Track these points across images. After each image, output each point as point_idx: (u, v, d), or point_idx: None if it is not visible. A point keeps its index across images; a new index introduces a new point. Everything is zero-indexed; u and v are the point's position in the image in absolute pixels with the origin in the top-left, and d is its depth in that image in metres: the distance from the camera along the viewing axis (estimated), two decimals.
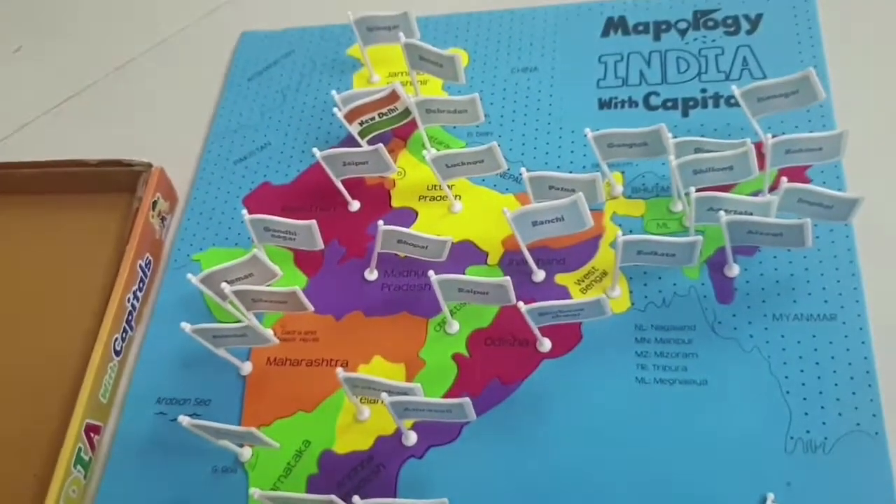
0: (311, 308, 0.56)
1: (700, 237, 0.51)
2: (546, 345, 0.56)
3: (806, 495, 0.48)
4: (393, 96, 0.62)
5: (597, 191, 0.56)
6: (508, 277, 0.52)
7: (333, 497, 0.46)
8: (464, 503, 0.51)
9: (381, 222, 0.57)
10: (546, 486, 0.52)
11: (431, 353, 0.58)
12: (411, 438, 0.54)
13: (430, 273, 0.54)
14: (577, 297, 0.57)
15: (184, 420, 0.51)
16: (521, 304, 0.52)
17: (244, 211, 0.60)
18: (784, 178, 0.52)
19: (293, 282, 0.63)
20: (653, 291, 0.57)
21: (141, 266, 0.65)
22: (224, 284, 0.56)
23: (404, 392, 0.50)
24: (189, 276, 0.57)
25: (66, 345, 0.63)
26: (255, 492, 0.49)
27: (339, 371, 0.51)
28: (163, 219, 0.69)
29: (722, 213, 0.52)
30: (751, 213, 0.52)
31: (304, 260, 0.64)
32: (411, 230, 0.57)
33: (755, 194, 0.56)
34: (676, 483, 0.50)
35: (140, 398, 0.60)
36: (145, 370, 0.62)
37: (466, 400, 0.49)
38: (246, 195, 0.69)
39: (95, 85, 0.82)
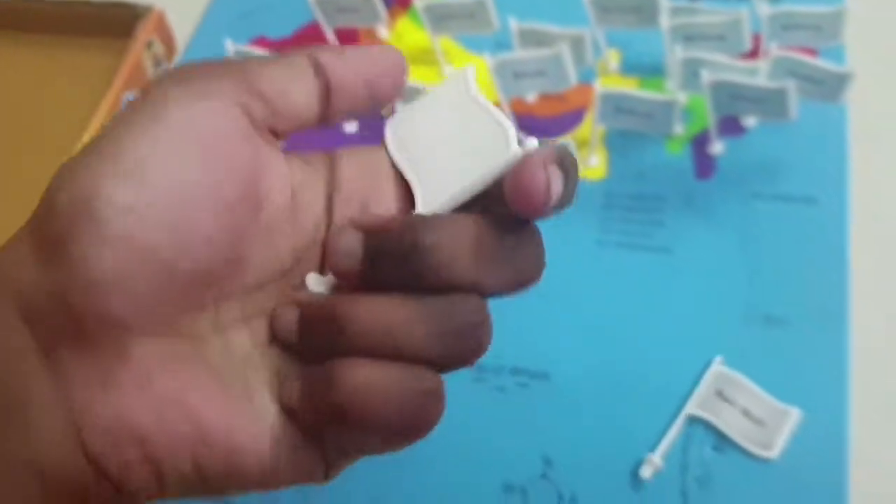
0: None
1: (680, 98, 0.49)
2: None
3: (758, 365, 0.46)
4: None
5: (584, 50, 0.54)
6: None
7: None
8: None
9: None
10: (497, 336, 0.50)
11: None
12: None
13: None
14: None
15: None
16: None
17: (228, 41, 0.59)
18: (775, 47, 0.50)
19: None
20: (631, 163, 0.55)
21: (129, 101, 0.65)
22: None
23: None
24: None
25: (42, 173, 0.62)
26: None
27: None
28: (158, 63, 0.69)
29: (705, 72, 0.50)
30: None
31: None
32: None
33: None
34: (628, 344, 0.48)
35: None
36: None
37: None
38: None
39: None
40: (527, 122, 0.58)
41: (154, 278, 0.22)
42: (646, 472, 0.44)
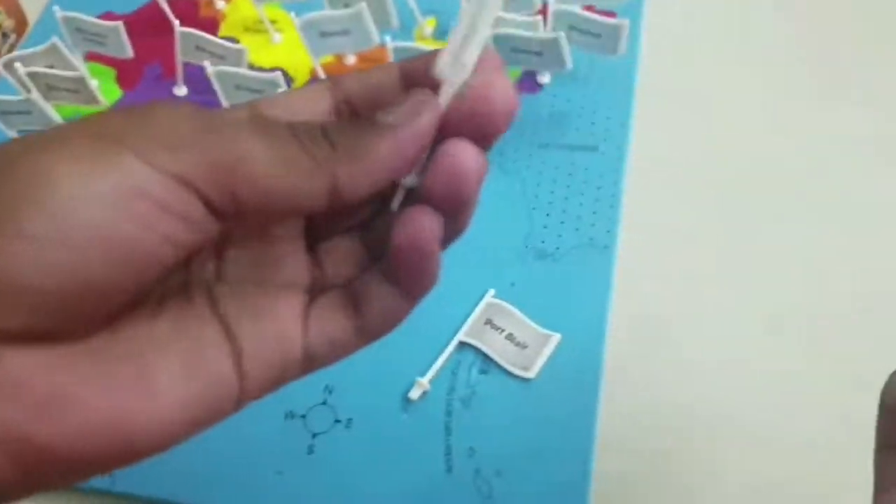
0: (101, 100, 0.58)
1: (562, 34, 0.51)
2: None
3: (527, 294, 0.49)
4: None
5: (388, 12, 0.57)
6: None
7: None
8: None
9: (177, 23, 0.59)
10: None
11: None
12: None
13: (207, 64, 0.55)
14: None
15: None
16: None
17: (55, 7, 0.61)
18: (557, 3, 0.53)
19: (109, 96, 0.64)
20: None
21: None
22: (17, 65, 0.57)
23: None
24: None
25: None
26: None
27: None
28: (6, 36, 0.70)
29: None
30: None
31: (124, 77, 0.65)
32: (211, 37, 0.59)
33: None
34: None
35: None
36: None
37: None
38: None
39: None
40: None
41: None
42: (414, 394, 0.46)
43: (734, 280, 0.50)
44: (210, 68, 0.55)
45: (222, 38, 0.65)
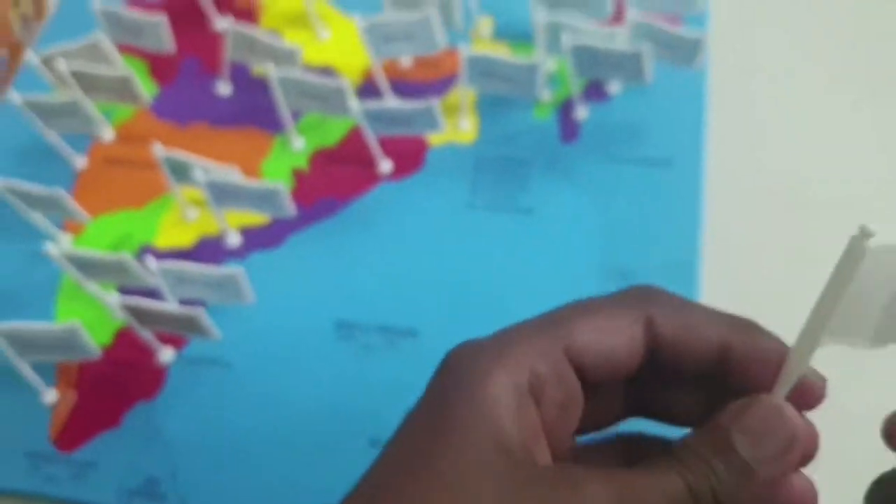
0: (146, 99, 0.55)
1: (541, 61, 0.51)
2: (386, 166, 0.55)
3: None
4: None
5: (453, 14, 0.55)
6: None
7: (126, 256, 0.45)
8: (280, 303, 0.50)
9: (229, 21, 0.56)
10: (365, 295, 0.51)
11: (272, 166, 0.56)
12: (234, 239, 0.53)
13: (270, 66, 0.52)
14: None
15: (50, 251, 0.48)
16: (354, 105, 0.51)
17: (95, 0, 0.58)
18: (635, 13, 0.52)
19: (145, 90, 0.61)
20: (500, 127, 0.56)
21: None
22: (60, 61, 0.54)
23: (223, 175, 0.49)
24: (30, 53, 0.55)
25: None
26: (52, 248, 0.47)
27: (158, 148, 0.50)
28: (26, 21, 0.66)
29: (565, 37, 0.51)
30: None
31: (159, 71, 0.62)
32: (266, 37, 0.56)
33: None
34: (492, 301, 0.49)
35: None
36: None
37: (281, 186, 0.48)
38: None
39: None
40: (400, 87, 0.58)
41: None
42: None
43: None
44: (273, 73, 0.52)
45: (264, 31, 0.63)
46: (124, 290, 0.50)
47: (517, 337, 0.26)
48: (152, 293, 0.48)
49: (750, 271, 0.50)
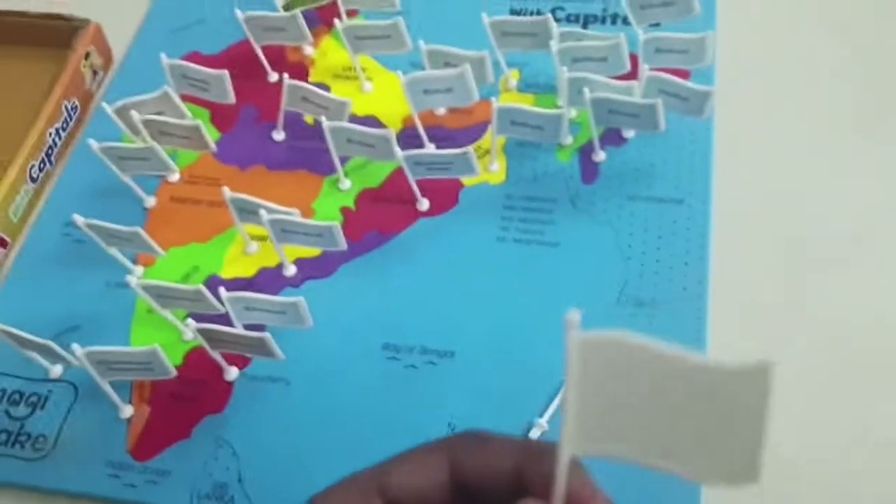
0: (212, 146, 0.61)
1: (565, 111, 0.57)
2: (425, 204, 0.61)
3: None
4: None
5: (485, 70, 0.61)
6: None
7: (202, 287, 0.51)
8: (333, 327, 0.56)
9: (286, 75, 0.62)
10: (408, 320, 0.57)
11: (322, 205, 0.63)
12: (291, 270, 0.59)
13: (323, 118, 0.59)
14: None
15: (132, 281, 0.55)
16: (399, 152, 0.57)
17: (162, 55, 0.64)
18: (647, 67, 0.58)
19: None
20: (527, 169, 0.62)
21: (67, 108, 0.69)
22: (133, 112, 0.61)
23: (284, 214, 0.55)
24: (104, 104, 0.62)
25: None
26: (131, 279, 0.53)
27: (226, 190, 0.56)
28: (95, 73, 0.73)
29: (587, 90, 0.57)
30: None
31: (220, 119, 0.69)
32: (316, 89, 0.63)
33: None
34: (522, 326, 0.55)
35: (49, 222, 0.65)
36: (59, 199, 0.66)
37: (336, 225, 0.54)
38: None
39: None
40: (437, 133, 0.65)
41: None
42: (534, 434, 0.51)
43: (825, 327, 0.54)
44: (326, 123, 0.58)
45: (312, 82, 0.69)
46: (194, 317, 0.56)
47: (340, 487, 0.32)
48: (219, 319, 0.54)
49: (754, 300, 0.56)
